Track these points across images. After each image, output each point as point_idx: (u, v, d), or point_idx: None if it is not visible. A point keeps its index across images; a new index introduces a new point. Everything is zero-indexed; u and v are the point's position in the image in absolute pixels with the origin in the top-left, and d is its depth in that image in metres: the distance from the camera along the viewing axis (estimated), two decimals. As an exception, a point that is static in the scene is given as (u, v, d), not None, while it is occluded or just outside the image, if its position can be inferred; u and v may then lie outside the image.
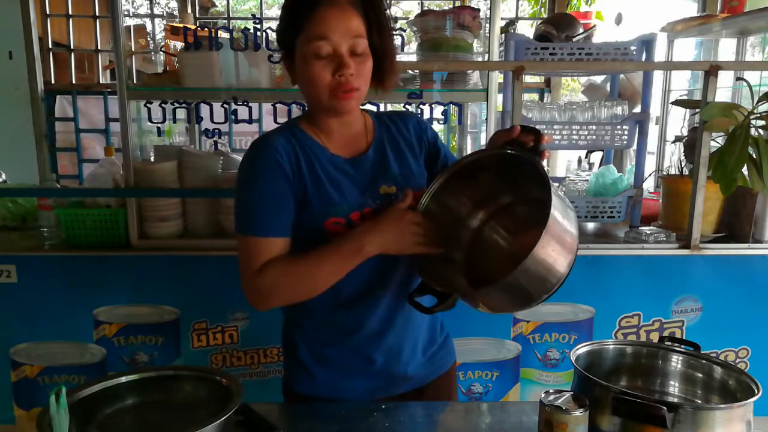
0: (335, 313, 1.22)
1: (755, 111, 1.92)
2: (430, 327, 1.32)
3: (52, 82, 3.44)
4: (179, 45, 2.35)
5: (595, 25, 2.40)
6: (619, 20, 2.99)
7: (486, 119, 2.23)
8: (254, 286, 1.14)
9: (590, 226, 2.32)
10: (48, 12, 3.41)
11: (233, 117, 2.17)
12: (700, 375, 1.16)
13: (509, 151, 1.11)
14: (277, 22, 1.20)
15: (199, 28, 2.18)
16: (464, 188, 1.22)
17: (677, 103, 2.33)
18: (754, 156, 1.89)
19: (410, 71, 2.28)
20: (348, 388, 1.25)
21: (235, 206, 1.17)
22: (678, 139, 2.30)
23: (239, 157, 2.37)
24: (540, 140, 1.08)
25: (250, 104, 2.17)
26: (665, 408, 0.93)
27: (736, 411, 0.98)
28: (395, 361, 1.25)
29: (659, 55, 2.40)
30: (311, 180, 1.15)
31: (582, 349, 1.16)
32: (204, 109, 2.20)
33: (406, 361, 1.27)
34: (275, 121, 2.42)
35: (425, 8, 3.39)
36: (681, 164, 2.24)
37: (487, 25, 2.24)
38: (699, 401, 1.15)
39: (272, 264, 1.13)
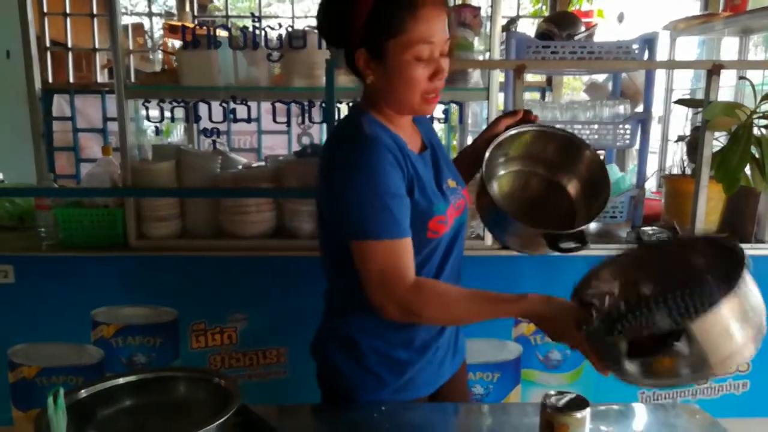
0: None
1: (758, 110, 1.91)
2: None
3: (50, 81, 3.44)
4: (177, 43, 2.34)
5: (596, 24, 2.40)
6: (621, 19, 2.99)
7: (487, 118, 2.22)
8: (404, 300, 1.08)
9: (592, 226, 2.31)
10: (45, 11, 3.41)
11: (232, 116, 2.16)
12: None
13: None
14: (327, 16, 1.13)
15: (197, 27, 2.17)
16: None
17: (680, 102, 2.32)
18: (756, 155, 1.88)
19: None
20: (412, 389, 1.23)
21: (353, 210, 1.08)
22: (680, 138, 2.29)
23: (238, 157, 2.37)
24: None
25: (248, 103, 2.17)
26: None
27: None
28: (443, 356, 1.27)
29: (662, 53, 2.39)
30: (415, 177, 1.13)
31: None
32: (202, 108, 2.19)
33: (448, 353, 1.28)
34: (274, 120, 2.42)
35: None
36: (683, 164, 2.23)
37: (488, 23, 2.23)
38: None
39: (432, 288, 1.11)
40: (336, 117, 1.91)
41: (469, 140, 2.99)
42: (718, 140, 2.03)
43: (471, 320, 1.19)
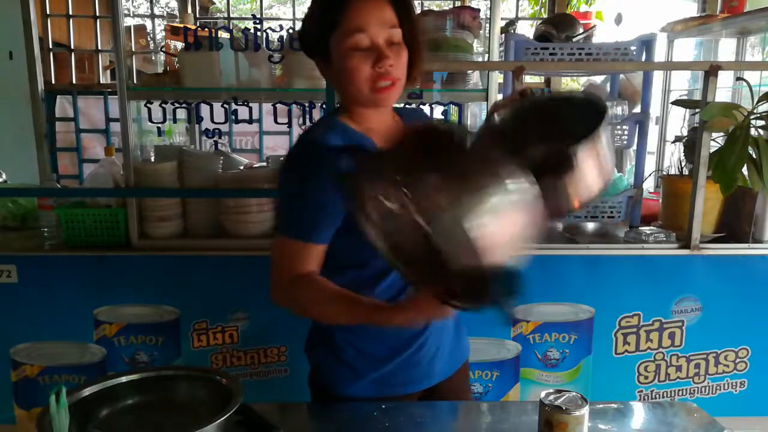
0: None
1: (755, 111, 1.92)
2: (454, 318, 1.33)
3: (53, 82, 3.44)
4: (179, 45, 2.36)
5: (594, 25, 2.40)
6: (618, 20, 2.99)
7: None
8: (282, 292, 1.15)
9: (590, 225, 2.32)
10: (48, 12, 3.41)
11: (233, 117, 2.17)
12: None
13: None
14: (301, 27, 1.19)
15: (199, 28, 2.19)
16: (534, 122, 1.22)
17: (677, 103, 2.33)
18: (753, 156, 1.89)
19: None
20: (393, 384, 1.24)
21: (281, 206, 1.17)
22: (678, 139, 2.30)
23: (239, 157, 2.38)
24: (533, 93, 1.18)
25: (250, 104, 2.17)
26: None
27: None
28: (436, 351, 1.26)
29: (659, 55, 2.41)
30: None
31: None
32: (204, 109, 2.20)
33: (444, 349, 1.28)
34: (275, 121, 2.43)
35: (425, 8, 3.39)
36: (681, 164, 2.24)
37: (487, 25, 2.24)
38: None
39: (307, 284, 1.12)
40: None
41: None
42: (715, 141, 2.04)
43: (339, 320, 1.16)
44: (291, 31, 2.17)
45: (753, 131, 1.92)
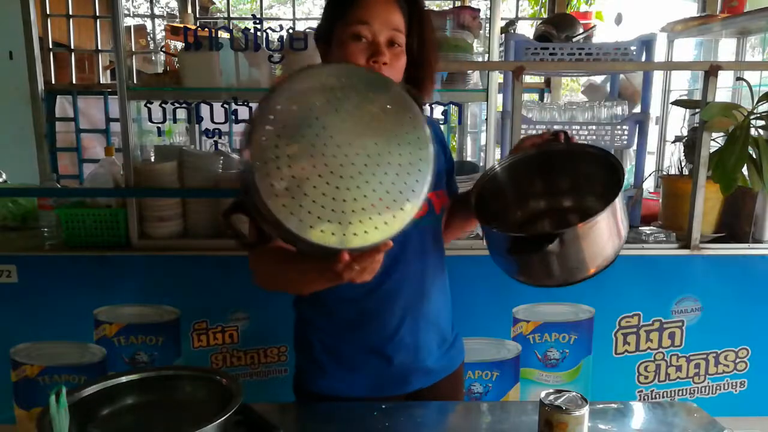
0: (353, 310, 1.22)
1: (755, 111, 1.92)
2: (444, 322, 1.33)
3: (53, 82, 3.44)
4: (179, 45, 2.35)
5: (594, 25, 2.41)
6: (618, 20, 2.99)
7: (486, 119, 2.23)
8: (253, 270, 1.16)
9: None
10: (48, 12, 3.41)
11: (233, 117, 2.17)
12: None
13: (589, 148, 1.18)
14: (317, 24, 1.22)
15: (199, 28, 2.18)
16: (535, 173, 1.26)
17: (677, 103, 2.33)
18: (753, 156, 1.89)
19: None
20: (365, 386, 1.25)
21: None
22: (678, 139, 2.30)
23: (239, 157, 2.38)
24: (570, 138, 1.18)
25: (250, 104, 2.17)
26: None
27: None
28: (413, 357, 1.26)
29: (659, 55, 2.41)
30: None
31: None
32: (204, 109, 2.20)
33: (423, 356, 1.27)
34: (275, 121, 2.42)
35: (425, 8, 3.39)
36: (681, 164, 2.24)
37: (487, 25, 2.24)
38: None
39: (263, 251, 1.10)
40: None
41: (469, 141, 3.00)
42: (715, 141, 2.04)
43: (289, 290, 1.15)
44: (291, 31, 2.16)
45: (753, 131, 1.92)
